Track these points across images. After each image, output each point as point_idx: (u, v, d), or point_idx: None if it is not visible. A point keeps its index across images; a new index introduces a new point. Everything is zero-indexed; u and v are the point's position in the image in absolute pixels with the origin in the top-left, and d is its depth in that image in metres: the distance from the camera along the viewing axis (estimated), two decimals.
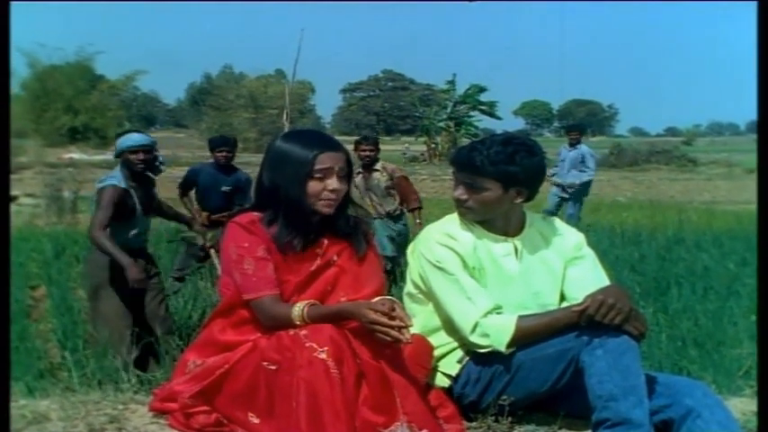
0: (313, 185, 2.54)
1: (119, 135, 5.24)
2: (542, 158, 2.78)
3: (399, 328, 2.32)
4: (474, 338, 2.66)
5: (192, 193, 7.69)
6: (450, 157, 2.93)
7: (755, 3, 2.72)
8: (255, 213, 2.61)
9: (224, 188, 7.37)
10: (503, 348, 2.63)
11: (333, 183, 2.55)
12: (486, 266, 2.78)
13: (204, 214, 7.28)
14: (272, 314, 2.50)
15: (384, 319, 2.32)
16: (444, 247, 2.76)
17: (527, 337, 2.62)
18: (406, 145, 35.99)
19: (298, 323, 2.44)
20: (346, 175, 2.61)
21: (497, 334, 2.63)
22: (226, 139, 7.78)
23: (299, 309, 2.46)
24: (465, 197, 2.78)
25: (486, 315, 2.65)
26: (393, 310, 2.35)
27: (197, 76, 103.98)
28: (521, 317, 2.64)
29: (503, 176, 2.71)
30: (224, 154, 7.45)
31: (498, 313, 2.67)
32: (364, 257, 2.67)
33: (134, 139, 5.09)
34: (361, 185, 7.69)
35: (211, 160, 7.64)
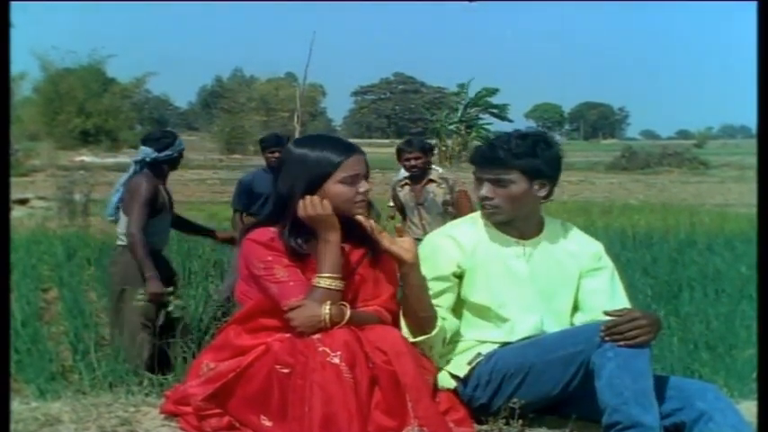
0: (345, 191, 2.54)
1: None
2: (559, 149, 2.78)
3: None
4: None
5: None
6: (471, 156, 2.91)
7: (755, 3, 2.72)
8: (271, 229, 2.60)
9: None
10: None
11: (364, 185, 2.58)
12: (490, 265, 2.77)
13: None
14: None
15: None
16: (436, 246, 2.79)
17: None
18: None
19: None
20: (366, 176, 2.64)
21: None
22: (279, 139, 6.82)
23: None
24: (491, 195, 2.74)
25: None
26: None
27: (208, 80, 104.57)
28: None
29: (527, 168, 2.68)
30: (276, 155, 6.41)
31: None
32: (381, 261, 2.66)
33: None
34: (409, 200, 6.43)
35: (263, 165, 6.84)
